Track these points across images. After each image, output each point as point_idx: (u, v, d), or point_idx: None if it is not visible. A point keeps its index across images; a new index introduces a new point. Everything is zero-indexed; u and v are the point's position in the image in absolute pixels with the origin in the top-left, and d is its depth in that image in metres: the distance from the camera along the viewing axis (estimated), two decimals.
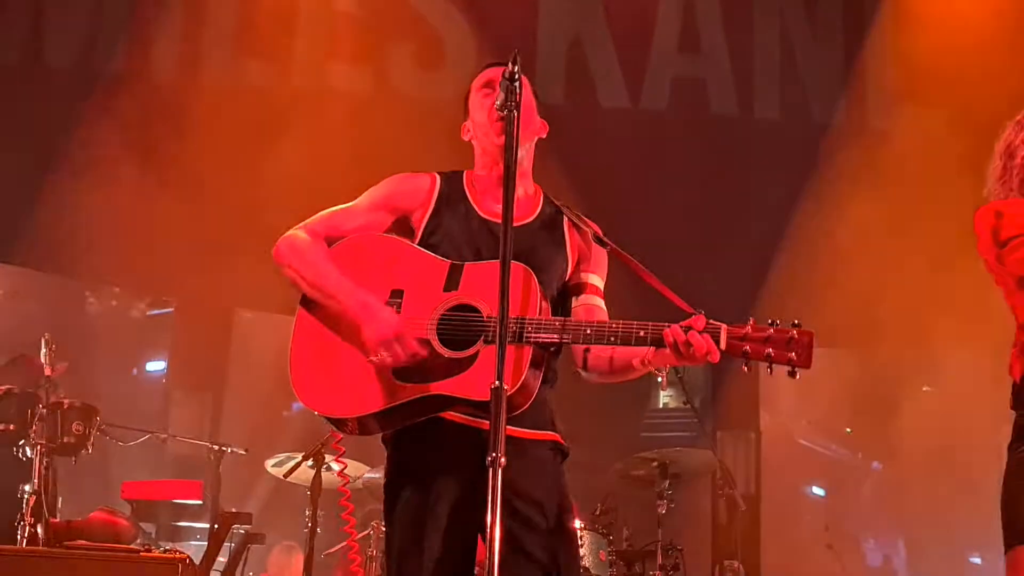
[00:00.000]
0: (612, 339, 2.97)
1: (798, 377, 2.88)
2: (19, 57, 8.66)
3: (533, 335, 2.96)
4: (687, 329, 2.89)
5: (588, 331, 2.99)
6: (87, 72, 8.65)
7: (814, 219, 8.57)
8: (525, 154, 3.32)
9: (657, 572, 6.82)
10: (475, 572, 3.12)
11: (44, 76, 8.67)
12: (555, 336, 2.99)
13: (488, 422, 2.62)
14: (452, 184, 3.34)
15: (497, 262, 2.78)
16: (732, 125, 9.02)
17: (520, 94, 2.93)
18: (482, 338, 2.98)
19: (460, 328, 3.03)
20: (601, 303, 3.33)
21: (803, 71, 9.06)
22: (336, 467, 6.19)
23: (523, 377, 2.94)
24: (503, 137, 2.95)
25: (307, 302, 3.20)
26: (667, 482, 6.92)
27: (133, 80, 8.54)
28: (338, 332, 3.12)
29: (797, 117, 9.03)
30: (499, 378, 2.64)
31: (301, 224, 3.27)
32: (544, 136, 3.41)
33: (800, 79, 9.10)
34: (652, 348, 2.98)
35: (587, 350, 3.23)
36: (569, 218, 3.35)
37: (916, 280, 8.02)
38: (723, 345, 2.89)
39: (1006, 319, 3.31)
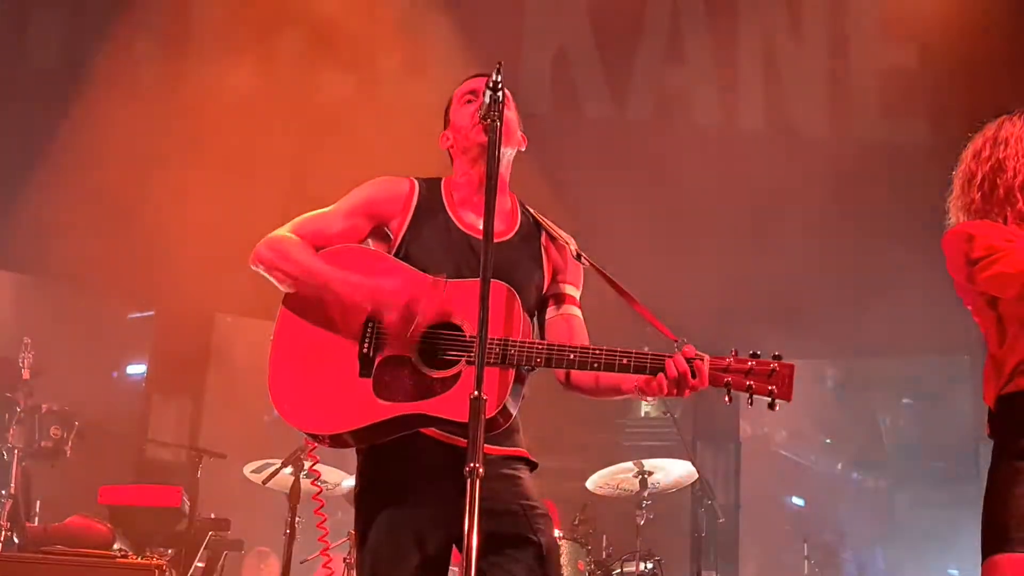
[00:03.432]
0: (595, 365, 2.98)
1: (777, 409, 2.91)
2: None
3: (518, 358, 2.96)
4: (690, 360, 2.92)
5: (572, 356, 2.99)
6: (68, 73, 8.61)
7: (795, 231, 8.59)
8: (504, 165, 3.31)
9: None
10: None
11: (25, 76, 8.63)
12: (540, 360, 2.98)
13: (464, 440, 2.62)
14: (431, 192, 3.30)
15: (490, 278, 2.76)
16: (716, 135, 9.04)
17: (503, 103, 2.94)
18: (464, 359, 2.96)
19: (442, 347, 3.01)
20: (578, 312, 3.34)
21: (787, 81, 9.08)
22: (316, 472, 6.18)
23: (504, 400, 2.94)
24: (485, 136, 2.95)
25: (291, 303, 3.15)
26: (646, 492, 6.92)
27: (114, 82, 8.51)
28: (320, 339, 3.08)
29: (782, 127, 9.05)
30: (478, 388, 2.63)
31: (279, 229, 3.23)
32: (523, 149, 3.40)
33: (784, 89, 9.13)
34: (643, 380, 2.99)
35: None
36: (547, 231, 3.35)
37: (896, 292, 8.05)
38: (705, 376, 2.94)
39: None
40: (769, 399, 2.91)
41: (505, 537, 3.03)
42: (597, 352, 2.98)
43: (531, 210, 3.40)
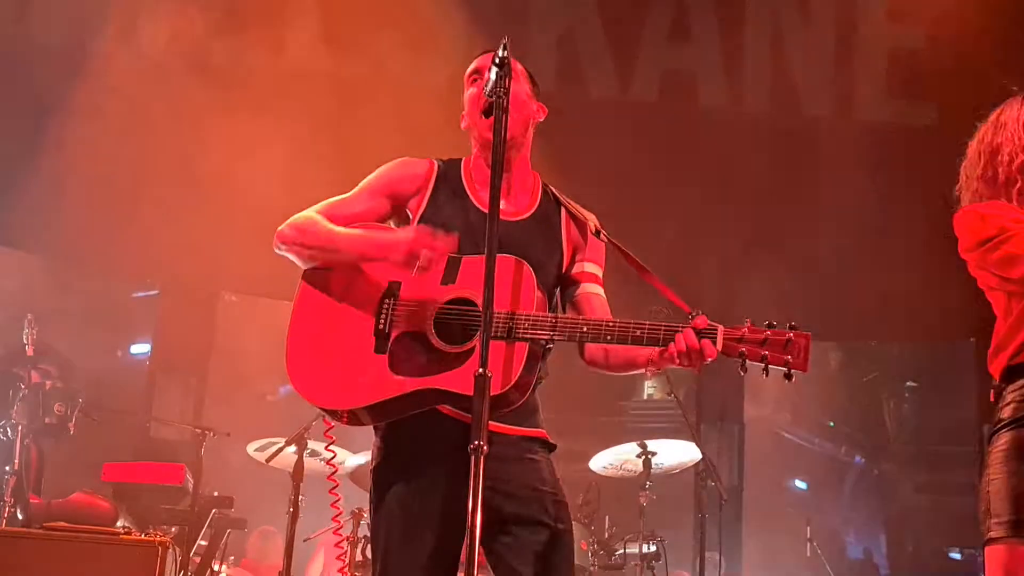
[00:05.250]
0: (608, 338, 2.97)
1: (793, 380, 2.88)
2: (3, 33, 8.58)
3: (525, 332, 2.95)
4: (700, 333, 2.89)
5: (584, 329, 2.99)
6: (73, 50, 8.58)
7: (801, 212, 8.58)
8: (520, 138, 3.31)
9: (638, 563, 6.84)
10: (462, 563, 3.11)
11: (29, 53, 8.60)
12: (547, 333, 2.97)
13: None
14: (450, 172, 3.32)
15: (496, 255, 2.77)
16: (721, 117, 9.01)
17: (509, 79, 2.92)
18: (477, 333, 2.96)
19: (457, 322, 3.02)
20: (599, 290, 3.33)
21: (794, 63, 9.04)
22: (320, 451, 6.19)
23: (518, 375, 2.93)
24: (489, 119, 2.95)
25: (310, 279, 3.18)
26: (649, 473, 6.93)
27: (121, 59, 8.49)
28: (338, 316, 3.10)
29: (786, 109, 9.01)
30: (483, 365, 2.62)
31: (301, 213, 3.26)
32: (542, 119, 3.39)
33: (791, 71, 9.09)
34: (657, 352, 2.96)
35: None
36: (567, 210, 3.34)
37: (900, 274, 8.03)
38: (719, 347, 2.90)
39: (990, 315, 3.34)
40: (785, 369, 2.88)
41: (519, 520, 3.05)
42: (610, 325, 2.97)
43: (553, 189, 3.39)
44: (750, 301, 8.52)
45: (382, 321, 3.06)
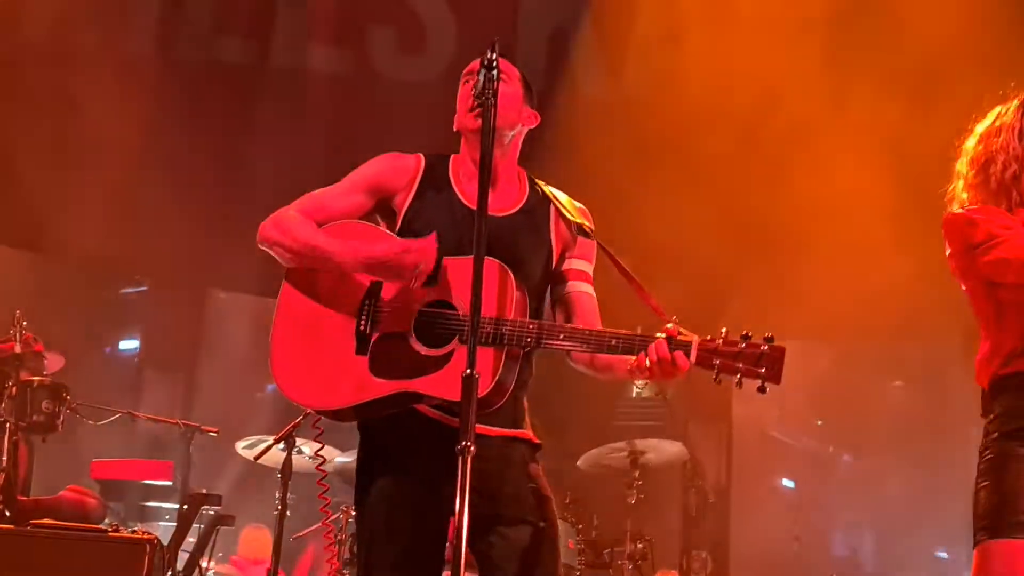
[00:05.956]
0: (585, 346, 2.98)
1: (767, 392, 2.87)
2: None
3: (509, 338, 2.95)
4: (673, 344, 2.87)
5: (561, 336, 2.99)
6: (61, 45, 8.56)
7: (788, 211, 8.59)
8: (508, 143, 3.30)
9: (625, 561, 6.86)
10: (445, 560, 3.12)
11: (17, 48, 8.57)
12: (531, 340, 2.98)
13: (456, 419, 2.63)
14: (437, 168, 3.30)
15: (483, 259, 2.77)
16: (709, 114, 9.01)
17: (497, 81, 2.92)
18: (457, 337, 2.97)
19: (436, 325, 3.02)
20: (588, 288, 3.32)
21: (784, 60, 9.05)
22: (307, 450, 6.19)
23: (497, 377, 2.94)
24: (478, 121, 2.96)
25: (292, 279, 3.17)
26: (637, 472, 6.94)
27: (108, 55, 8.47)
28: (320, 316, 3.10)
29: (776, 107, 9.02)
30: (470, 366, 2.63)
31: (283, 208, 3.25)
32: (533, 126, 3.38)
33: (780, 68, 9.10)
34: (634, 361, 2.95)
35: None
36: (556, 206, 3.33)
37: (889, 273, 8.05)
38: (693, 359, 2.88)
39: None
40: (759, 382, 2.87)
41: (503, 520, 3.06)
42: (587, 333, 2.98)
43: (541, 184, 3.38)
44: (738, 300, 8.54)
45: (363, 323, 3.06)
